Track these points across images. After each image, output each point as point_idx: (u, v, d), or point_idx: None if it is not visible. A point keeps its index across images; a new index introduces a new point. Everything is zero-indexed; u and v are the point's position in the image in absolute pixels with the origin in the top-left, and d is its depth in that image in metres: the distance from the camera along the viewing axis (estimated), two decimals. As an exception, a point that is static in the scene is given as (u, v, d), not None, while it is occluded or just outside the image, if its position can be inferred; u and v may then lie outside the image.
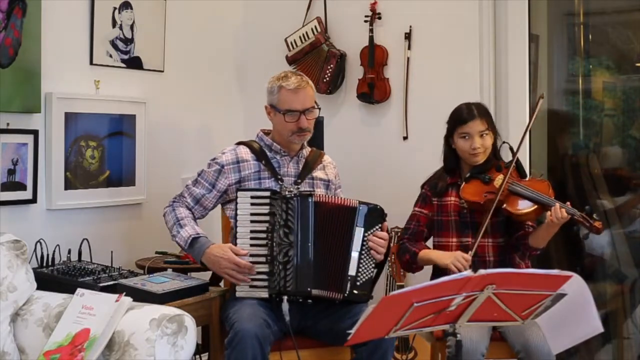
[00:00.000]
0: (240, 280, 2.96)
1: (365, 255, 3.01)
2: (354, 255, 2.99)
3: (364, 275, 3.01)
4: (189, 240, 3.06)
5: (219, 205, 3.26)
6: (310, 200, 3.00)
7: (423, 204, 3.25)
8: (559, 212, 2.93)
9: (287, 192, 3.00)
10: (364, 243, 3.01)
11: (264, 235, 2.98)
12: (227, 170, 3.14)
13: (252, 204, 2.99)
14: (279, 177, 3.13)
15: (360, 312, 2.93)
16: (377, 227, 3.03)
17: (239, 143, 3.23)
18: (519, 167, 3.15)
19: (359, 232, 3.00)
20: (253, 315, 2.85)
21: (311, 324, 3.05)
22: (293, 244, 2.97)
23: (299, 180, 3.16)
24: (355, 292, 2.98)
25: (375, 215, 3.03)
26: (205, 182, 3.17)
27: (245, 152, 3.18)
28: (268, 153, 3.18)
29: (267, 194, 3.00)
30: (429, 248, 3.21)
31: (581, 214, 2.97)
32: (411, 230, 3.23)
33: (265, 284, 2.97)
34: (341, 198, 3.12)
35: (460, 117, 3.15)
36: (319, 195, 3.05)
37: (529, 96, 3.94)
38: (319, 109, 3.18)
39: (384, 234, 3.04)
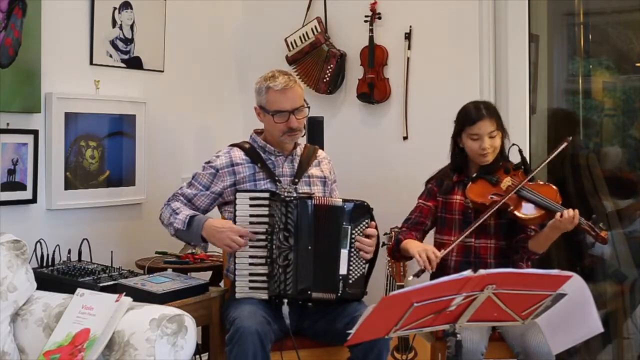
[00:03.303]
0: (241, 245, 2.94)
1: (355, 253, 3.00)
2: (344, 254, 2.98)
3: (356, 273, 3.00)
4: (186, 220, 3.04)
5: (217, 210, 3.25)
6: (310, 202, 2.99)
7: (428, 197, 3.23)
8: (573, 216, 2.90)
9: (286, 194, 3.00)
10: (352, 241, 2.99)
11: (263, 236, 2.98)
12: (222, 174, 3.13)
13: (251, 206, 2.98)
14: (276, 178, 3.13)
15: (356, 311, 2.94)
16: (365, 222, 3.02)
17: (232, 145, 3.22)
18: (526, 168, 3.14)
19: (346, 231, 2.99)
20: (254, 312, 2.85)
21: (308, 325, 3.05)
22: (293, 248, 2.96)
23: (297, 180, 3.15)
24: (348, 290, 2.98)
25: (361, 212, 3.02)
26: (199, 184, 3.16)
27: (239, 155, 3.17)
28: (262, 154, 3.17)
29: (266, 195, 2.99)
30: (418, 240, 3.17)
31: (587, 222, 2.95)
32: (412, 220, 3.21)
33: (265, 285, 2.97)
34: (328, 197, 3.11)
35: (469, 117, 3.11)
36: (317, 197, 3.04)
37: (529, 96, 3.94)
38: (309, 107, 3.17)
39: (371, 231, 3.02)
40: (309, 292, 2.96)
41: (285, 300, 2.90)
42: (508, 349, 2.99)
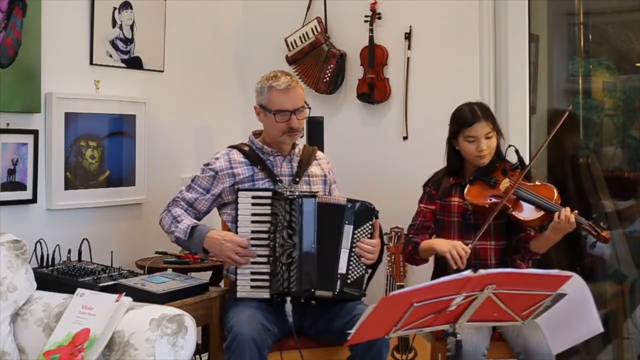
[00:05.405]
0: (241, 263, 2.96)
1: (355, 253, 2.99)
2: (344, 253, 2.98)
3: (355, 273, 3.00)
4: (188, 230, 3.04)
5: (217, 213, 3.25)
6: (313, 201, 2.99)
7: (429, 200, 3.22)
8: (569, 216, 2.90)
9: (288, 193, 3.00)
10: (354, 241, 2.99)
11: (265, 235, 2.98)
12: (222, 176, 3.14)
13: (253, 204, 2.99)
14: (278, 178, 3.13)
15: (354, 310, 2.95)
16: (368, 224, 3.02)
17: (231, 147, 3.22)
18: (523, 168, 3.13)
19: (348, 230, 2.98)
20: (252, 319, 2.85)
21: (308, 324, 3.05)
22: (297, 246, 2.96)
23: (297, 179, 3.16)
24: (345, 289, 2.98)
25: (365, 213, 3.02)
26: (199, 187, 3.16)
27: (238, 158, 3.17)
28: (261, 155, 3.18)
29: (269, 194, 3.00)
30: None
31: (588, 222, 2.95)
32: (418, 225, 3.20)
33: (267, 284, 2.97)
34: (332, 196, 3.13)
35: (464, 119, 3.10)
36: (320, 196, 3.05)
37: (529, 96, 3.94)
38: (309, 108, 3.18)
39: (373, 241, 3.02)
40: (312, 290, 2.95)
41: (288, 299, 2.89)
42: (508, 349, 2.99)
